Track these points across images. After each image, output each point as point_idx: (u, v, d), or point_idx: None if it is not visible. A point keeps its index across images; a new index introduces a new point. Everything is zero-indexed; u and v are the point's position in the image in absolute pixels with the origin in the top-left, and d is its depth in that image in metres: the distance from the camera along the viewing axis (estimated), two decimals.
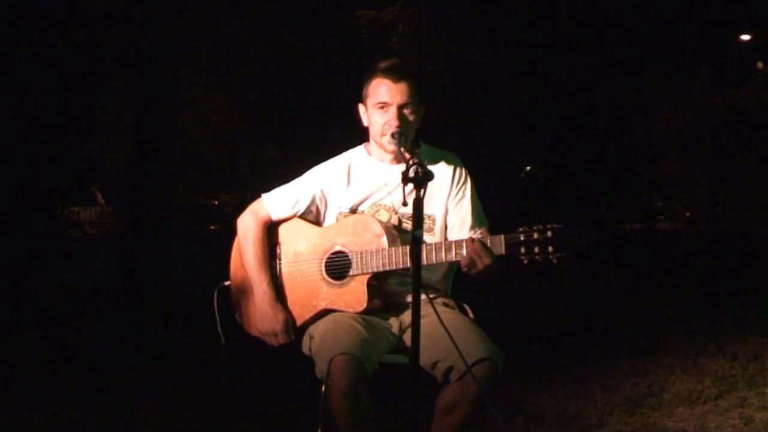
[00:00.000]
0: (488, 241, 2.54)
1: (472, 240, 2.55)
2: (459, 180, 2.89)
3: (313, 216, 2.91)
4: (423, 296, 2.29)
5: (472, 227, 2.84)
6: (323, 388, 2.70)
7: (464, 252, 2.54)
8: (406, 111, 2.78)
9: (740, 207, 22.37)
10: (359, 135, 2.95)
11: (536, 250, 2.44)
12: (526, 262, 2.47)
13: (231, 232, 2.98)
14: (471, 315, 2.87)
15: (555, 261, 2.44)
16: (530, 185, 20.76)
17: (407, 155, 2.49)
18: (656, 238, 19.05)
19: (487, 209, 2.92)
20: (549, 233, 2.44)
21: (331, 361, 2.50)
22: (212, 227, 21.89)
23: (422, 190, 2.28)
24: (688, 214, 26.46)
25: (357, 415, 2.50)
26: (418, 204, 2.27)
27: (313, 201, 2.88)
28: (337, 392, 2.49)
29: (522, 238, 2.47)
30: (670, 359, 5.28)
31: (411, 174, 2.30)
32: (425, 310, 2.57)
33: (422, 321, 2.40)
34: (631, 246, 15.73)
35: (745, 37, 23.77)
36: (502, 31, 16.72)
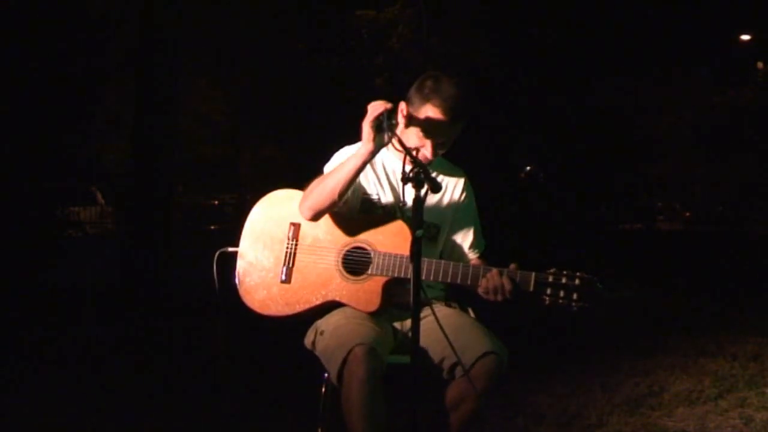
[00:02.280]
0: (518, 275, 2.55)
1: (500, 272, 2.57)
2: (468, 196, 2.91)
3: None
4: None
5: (472, 246, 2.87)
6: (323, 389, 2.70)
7: (489, 281, 2.56)
8: (444, 143, 2.74)
9: (740, 207, 22.38)
10: (357, 134, 2.93)
11: (561, 294, 2.48)
12: (548, 303, 2.49)
13: (231, 232, 2.94)
14: (472, 314, 2.87)
15: (575, 309, 2.47)
16: (530, 185, 20.75)
17: (400, 148, 2.43)
18: (656, 238, 19.05)
19: (488, 210, 2.92)
20: (577, 281, 2.48)
21: (351, 351, 2.49)
22: (212, 227, 21.90)
23: (422, 190, 2.28)
24: (688, 214, 26.49)
25: (371, 405, 2.47)
26: (419, 203, 2.27)
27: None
28: (355, 381, 2.47)
29: (551, 279, 2.50)
30: (670, 359, 5.28)
31: (410, 174, 2.29)
32: (426, 310, 2.58)
33: (423, 321, 2.41)
34: (631, 246, 15.73)
35: (745, 37, 23.79)
36: (502, 31, 16.73)
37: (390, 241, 2.69)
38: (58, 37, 7.69)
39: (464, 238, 2.88)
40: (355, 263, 2.72)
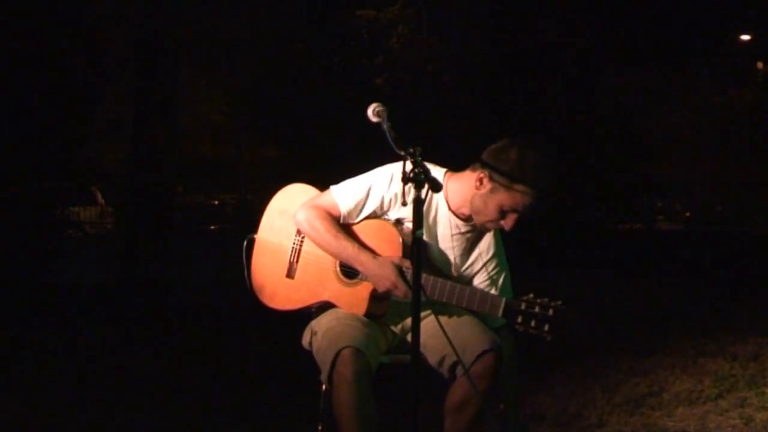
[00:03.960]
0: (489, 300, 2.54)
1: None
2: (497, 246, 2.84)
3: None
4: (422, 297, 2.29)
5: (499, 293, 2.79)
6: (323, 388, 2.70)
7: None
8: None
9: (740, 207, 22.37)
10: (358, 134, 2.92)
11: (533, 324, 2.44)
12: (520, 330, 2.46)
13: (231, 232, 2.96)
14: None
15: (548, 339, 2.42)
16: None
17: (400, 149, 2.37)
18: (656, 238, 19.04)
19: None
20: (550, 312, 2.42)
21: (338, 354, 2.51)
22: (212, 227, 21.91)
23: (422, 190, 2.27)
24: (688, 214, 26.45)
25: (360, 406, 2.50)
26: (419, 203, 2.27)
27: (380, 208, 2.75)
28: (343, 383, 2.50)
29: (522, 307, 2.46)
30: (670, 359, 5.27)
31: (410, 174, 2.28)
32: (426, 309, 2.58)
33: (424, 320, 2.41)
34: (631, 246, 15.72)
35: (745, 37, 23.77)
36: (502, 31, 16.72)
37: (379, 248, 2.69)
38: (58, 37, 7.68)
39: (491, 287, 2.80)
40: (350, 266, 2.73)
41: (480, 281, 2.80)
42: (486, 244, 2.81)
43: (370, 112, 2.47)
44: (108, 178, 19.11)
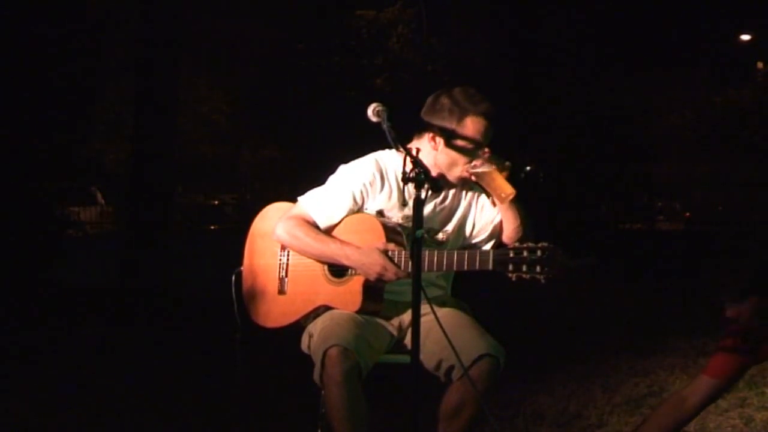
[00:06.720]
0: (477, 256, 2.53)
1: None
2: (475, 198, 2.89)
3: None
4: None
5: (491, 237, 2.86)
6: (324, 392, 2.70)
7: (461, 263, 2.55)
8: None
9: (740, 207, 22.37)
10: (358, 134, 2.92)
11: (524, 268, 2.42)
12: (513, 279, 2.45)
13: (231, 232, 2.96)
14: (470, 313, 2.86)
15: (542, 281, 2.41)
16: (529, 185, 20.75)
17: (401, 148, 2.44)
18: (656, 238, 19.04)
19: None
20: (539, 252, 2.41)
21: (325, 353, 2.52)
22: (212, 227, 21.91)
23: (422, 190, 2.28)
24: (688, 214, 26.47)
25: (349, 405, 2.50)
26: (419, 204, 2.27)
27: (354, 204, 2.77)
28: (331, 383, 2.50)
29: (511, 255, 2.44)
30: (670, 359, 5.27)
31: (410, 174, 2.29)
32: (425, 309, 2.57)
33: (422, 321, 2.41)
34: (631, 246, 15.72)
35: (745, 37, 23.77)
36: (502, 32, 16.74)
37: (363, 239, 2.70)
38: (57, 37, 7.68)
39: (484, 230, 2.88)
40: (338, 265, 2.73)
41: (480, 230, 2.86)
42: (468, 198, 2.87)
43: (370, 112, 2.50)
44: (108, 178, 19.18)
